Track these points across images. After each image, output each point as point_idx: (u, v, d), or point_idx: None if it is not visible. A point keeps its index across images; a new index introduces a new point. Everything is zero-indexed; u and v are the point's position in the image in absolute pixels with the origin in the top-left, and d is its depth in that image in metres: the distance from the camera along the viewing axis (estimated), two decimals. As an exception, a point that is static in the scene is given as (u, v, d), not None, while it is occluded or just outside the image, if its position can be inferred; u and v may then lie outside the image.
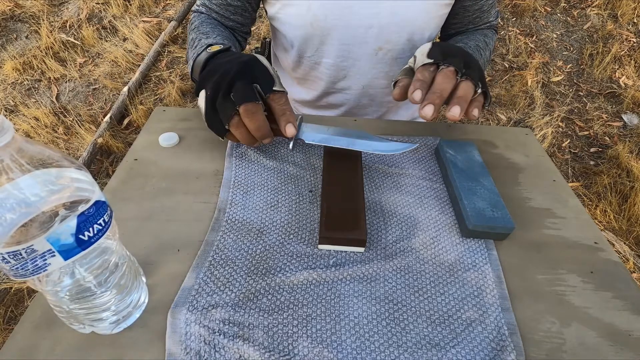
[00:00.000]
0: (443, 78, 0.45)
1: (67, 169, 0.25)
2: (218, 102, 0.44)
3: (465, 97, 0.44)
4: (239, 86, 0.44)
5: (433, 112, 0.44)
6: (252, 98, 0.43)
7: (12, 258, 0.24)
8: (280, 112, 0.45)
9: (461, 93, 0.44)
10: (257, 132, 0.44)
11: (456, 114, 0.44)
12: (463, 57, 0.48)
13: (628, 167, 1.65)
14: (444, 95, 0.44)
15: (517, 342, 0.35)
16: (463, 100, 0.44)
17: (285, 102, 0.46)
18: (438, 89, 0.44)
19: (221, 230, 0.42)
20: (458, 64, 0.46)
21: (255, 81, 0.45)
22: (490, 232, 0.42)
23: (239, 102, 0.43)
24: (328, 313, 0.36)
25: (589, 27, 2.30)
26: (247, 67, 0.46)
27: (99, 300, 0.30)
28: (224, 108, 0.44)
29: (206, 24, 0.61)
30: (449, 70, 0.45)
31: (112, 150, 1.65)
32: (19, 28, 2.16)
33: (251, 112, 0.43)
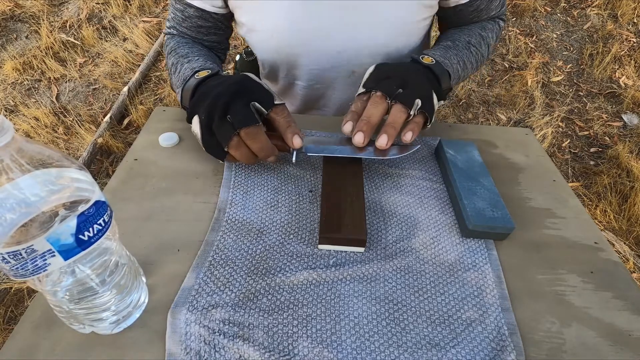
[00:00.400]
0: (371, 104, 0.45)
1: (67, 169, 0.25)
2: (215, 125, 0.43)
3: (394, 123, 0.44)
4: (236, 108, 0.43)
5: (363, 139, 0.44)
6: (252, 120, 0.42)
7: (12, 258, 0.24)
8: (285, 125, 0.45)
9: (390, 119, 0.44)
10: (260, 153, 0.43)
11: (382, 143, 0.44)
12: (401, 77, 0.46)
13: (628, 167, 1.65)
14: (372, 120, 0.44)
15: (517, 342, 0.35)
16: (390, 127, 0.44)
17: (287, 114, 0.46)
18: (366, 115, 0.44)
19: (221, 230, 0.42)
20: (388, 86, 0.45)
21: (252, 99, 0.44)
22: (490, 232, 0.42)
23: (239, 126, 0.42)
24: (328, 313, 0.36)
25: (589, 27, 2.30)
26: (241, 87, 0.45)
27: (99, 300, 0.30)
28: (222, 131, 0.43)
29: (183, 45, 0.59)
30: (377, 96, 0.45)
31: (112, 150, 1.65)
32: (19, 28, 2.16)
33: (253, 134, 0.42)
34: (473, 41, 0.59)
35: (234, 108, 0.43)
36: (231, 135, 0.42)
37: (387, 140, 0.44)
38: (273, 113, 0.45)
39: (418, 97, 0.45)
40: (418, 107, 0.45)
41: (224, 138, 0.43)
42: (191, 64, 0.54)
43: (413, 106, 0.44)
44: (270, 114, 0.45)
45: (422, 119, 0.46)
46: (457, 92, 1.99)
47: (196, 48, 0.60)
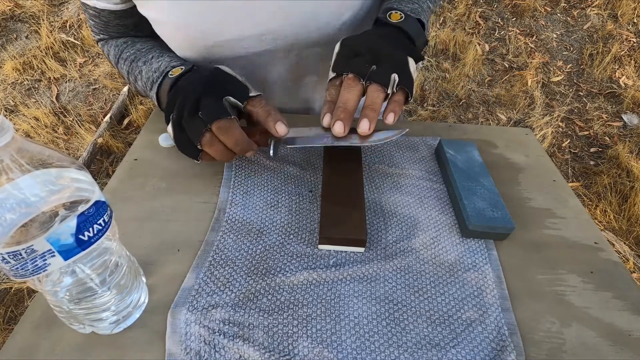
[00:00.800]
0: (345, 90, 0.41)
1: (67, 169, 0.25)
2: (184, 121, 0.41)
3: (372, 104, 0.41)
4: (206, 102, 0.40)
5: (343, 128, 0.41)
6: (223, 113, 0.40)
7: (12, 258, 0.24)
8: (265, 114, 0.42)
9: (368, 101, 0.41)
10: (236, 147, 0.41)
11: (364, 128, 0.41)
12: (372, 51, 0.42)
13: (628, 167, 1.65)
14: (349, 107, 0.41)
15: (517, 342, 0.35)
16: (370, 110, 0.40)
17: (265, 103, 0.43)
18: (341, 102, 0.41)
19: (221, 230, 0.42)
20: (359, 66, 0.41)
21: (225, 93, 0.42)
22: (490, 232, 0.42)
23: (210, 120, 0.39)
24: (328, 313, 0.36)
25: (589, 27, 2.30)
26: (211, 82, 0.43)
27: (98, 301, 0.30)
28: (192, 127, 0.40)
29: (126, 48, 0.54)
30: (349, 79, 0.42)
31: (112, 150, 1.65)
32: (19, 28, 2.16)
33: (226, 128, 0.39)
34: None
35: (204, 103, 0.40)
36: (202, 131, 0.39)
37: (369, 125, 0.40)
38: (250, 105, 0.42)
39: (393, 72, 0.41)
40: (396, 83, 0.41)
41: (195, 134, 0.40)
42: (150, 66, 0.50)
43: (390, 83, 0.41)
44: (247, 106, 0.42)
45: (402, 96, 0.42)
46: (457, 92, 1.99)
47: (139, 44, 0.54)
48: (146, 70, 0.50)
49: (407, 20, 0.45)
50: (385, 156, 0.53)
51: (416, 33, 0.46)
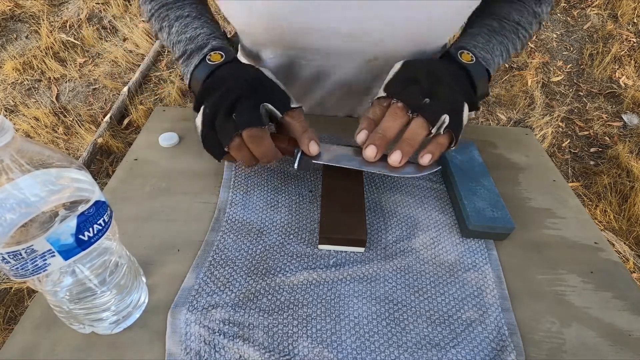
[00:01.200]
0: (389, 116, 0.40)
1: (67, 169, 0.25)
2: (217, 121, 0.40)
3: (410, 140, 0.39)
4: (242, 107, 0.39)
5: (375, 154, 0.40)
6: (258, 122, 0.39)
7: (12, 258, 0.24)
8: (302, 130, 0.41)
9: (407, 135, 0.39)
10: (263, 158, 0.40)
11: (395, 161, 0.39)
12: (431, 82, 0.41)
13: (628, 167, 1.65)
14: (388, 135, 0.40)
15: (517, 342, 0.35)
16: (407, 144, 0.39)
17: (304, 119, 0.42)
18: (382, 128, 0.40)
19: (221, 230, 0.42)
20: (413, 95, 0.40)
21: (265, 100, 0.40)
22: (491, 232, 0.42)
23: (242, 127, 0.38)
24: (328, 313, 0.36)
25: (589, 27, 2.30)
26: (253, 86, 0.41)
27: (99, 301, 0.30)
28: (224, 128, 0.39)
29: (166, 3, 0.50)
30: (397, 107, 0.40)
31: (112, 150, 1.65)
32: (19, 28, 2.16)
33: (257, 138, 0.39)
34: (524, 21, 0.49)
35: (240, 107, 0.39)
36: (233, 136, 0.39)
37: (401, 158, 0.39)
38: (288, 117, 0.41)
39: (446, 112, 0.39)
40: (445, 126, 0.39)
41: (225, 137, 0.39)
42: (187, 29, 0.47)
43: (437, 123, 0.39)
44: (285, 117, 0.41)
45: (446, 140, 0.40)
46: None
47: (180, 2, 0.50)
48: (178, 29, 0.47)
49: (476, 66, 0.44)
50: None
51: (480, 81, 0.44)
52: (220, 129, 0.40)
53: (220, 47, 0.46)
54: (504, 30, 0.48)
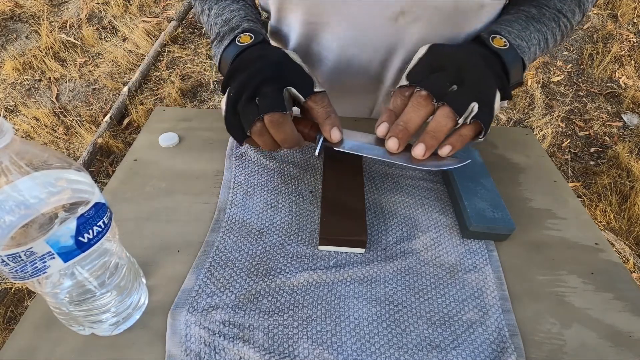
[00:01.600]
0: (412, 106, 0.38)
1: (66, 171, 0.25)
2: (240, 104, 0.39)
3: (435, 131, 0.37)
4: (266, 91, 0.38)
5: (397, 147, 0.38)
6: (279, 107, 0.38)
7: (12, 260, 0.23)
8: (324, 115, 0.40)
9: (432, 126, 0.37)
10: (284, 143, 0.39)
11: (418, 154, 0.37)
12: (458, 69, 0.38)
13: (628, 167, 1.65)
14: (410, 127, 0.38)
15: (518, 343, 0.35)
16: (431, 137, 0.37)
17: (328, 103, 0.41)
18: (403, 120, 0.38)
19: (221, 231, 0.42)
20: (439, 82, 0.37)
21: (288, 84, 0.40)
22: (491, 233, 0.42)
23: (264, 111, 0.38)
24: (328, 314, 0.36)
25: (589, 27, 2.30)
26: (278, 70, 0.40)
27: (98, 302, 0.30)
28: (246, 113, 0.39)
29: None
30: (421, 96, 0.37)
31: (112, 150, 1.65)
32: (19, 28, 2.16)
33: (278, 123, 0.38)
34: (565, 9, 0.46)
35: (264, 91, 0.38)
36: (254, 120, 0.38)
37: (424, 152, 0.37)
38: (311, 101, 0.40)
39: (475, 100, 0.36)
40: (473, 115, 0.36)
41: (247, 121, 0.39)
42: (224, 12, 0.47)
43: (465, 112, 0.36)
44: (308, 101, 0.40)
45: (473, 131, 0.37)
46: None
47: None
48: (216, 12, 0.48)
49: (510, 51, 0.40)
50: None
51: (514, 68, 0.41)
52: (243, 113, 0.39)
53: (250, 29, 0.45)
54: (543, 17, 0.45)
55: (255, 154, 0.51)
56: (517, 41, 0.42)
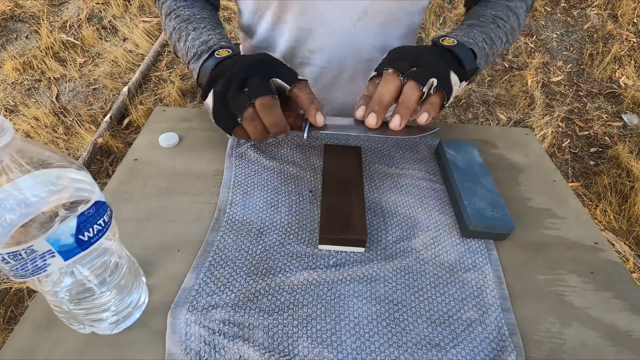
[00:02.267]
0: (382, 83, 0.43)
1: (66, 170, 0.25)
2: (229, 95, 0.42)
3: (406, 102, 0.42)
4: (253, 81, 0.42)
5: (376, 120, 0.42)
6: (268, 91, 0.41)
7: (12, 258, 0.24)
8: (309, 101, 0.43)
9: (402, 98, 0.42)
10: (273, 128, 0.42)
11: (395, 124, 0.41)
12: (415, 57, 0.44)
13: (628, 167, 1.65)
14: (384, 100, 0.42)
15: (517, 342, 0.35)
16: (403, 107, 0.41)
17: (311, 91, 0.44)
18: (377, 94, 0.42)
19: (221, 230, 0.42)
20: (401, 65, 0.43)
21: (273, 75, 0.43)
22: (491, 232, 0.42)
23: (255, 96, 0.40)
24: (328, 313, 0.36)
25: (589, 27, 2.30)
26: (261, 63, 0.44)
27: (98, 301, 0.30)
28: (237, 101, 0.41)
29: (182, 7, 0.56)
30: (388, 73, 0.43)
31: (112, 150, 1.65)
32: (19, 28, 2.16)
33: (268, 106, 0.41)
34: (500, 14, 0.54)
35: (252, 81, 0.42)
36: (246, 105, 0.41)
37: (401, 121, 0.41)
38: (296, 89, 0.44)
39: (432, 76, 0.42)
40: (434, 86, 0.42)
41: (238, 108, 0.41)
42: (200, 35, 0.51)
43: (427, 84, 0.42)
44: (293, 89, 0.44)
45: (438, 99, 0.43)
46: (457, 92, 1.98)
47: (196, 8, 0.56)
48: (194, 36, 0.51)
49: (458, 45, 0.47)
50: (385, 156, 0.53)
51: (467, 58, 0.46)
52: (233, 102, 0.42)
53: (228, 46, 0.49)
54: (481, 23, 0.52)
55: (255, 154, 0.51)
56: (464, 39, 0.49)
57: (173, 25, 0.55)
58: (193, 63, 0.50)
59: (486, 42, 0.51)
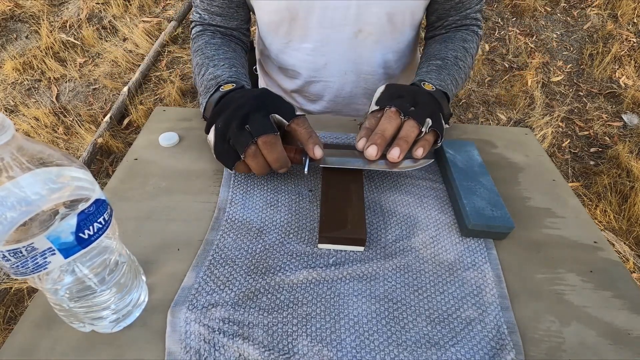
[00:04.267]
0: (385, 119, 0.46)
1: (67, 168, 0.25)
2: (231, 132, 0.43)
3: (406, 137, 0.45)
4: (255, 117, 0.43)
5: (376, 152, 0.44)
6: (271, 129, 0.42)
7: (13, 256, 0.24)
8: (307, 135, 0.45)
9: (402, 134, 0.45)
10: (275, 163, 0.43)
11: (394, 155, 0.44)
12: (413, 97, 0.48)
13: (628, 167, 1.65)
14: (386, 135, 0.45)
15: (517, 341, 0.35)
16: (403, 141, 0.45)
17: (308, 125, 0.46)
18: (380, 129, 0.45)
19: (221, 229, 0.42)
20: (403, 104, 0.46)
21: (273, 111, 0.45)
22: (490, 231, 0.42)
23: (258, 134, 0.42)
24: (328, 312, 0.36)
25: (589, 27, 2.30)
26: (261, 99, 0.46)
27: (98, 299, 0.30)
28: (239, 139, 0.43)
29: (210, 45, 0.61)
30: (391, 111, 0.46)
31: (112, 150, 1.65)
32: (19, 28, 2.17)
33: (271, 144, 0.42)
34: (459, 55, 0.61)
35: (253, 118, 0.43)
36: (249, 143, 0.42)
37: (400, 153, 0.44)
38: (294, 124, 0.45)
39: (429, 116, 0.46)
40: (429, 126, 0.46)
41: (241, 145, 0.42)
42: (216, 70, 0.55)
43: (424, 124, 0.46)
44: (291, 124, 0.45)
45: (432, 137, 0.47)
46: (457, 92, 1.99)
47: (222, 50, 0.61)
48: (211, 72, 0.55)
49: (437, 91, 0.53)
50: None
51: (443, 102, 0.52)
52: (236, 139, 0.43)
53: (233, 80, 0.53)
54: (447, 66, 0.59)
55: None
56: (438, 83, 0.55)
57: (197, 61, 0.60)
58: (201, 97, 0.54)
59: (454, 85, 0.58)
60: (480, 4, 0.65)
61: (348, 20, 0.60)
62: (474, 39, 0.65)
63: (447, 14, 0.65)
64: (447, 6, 0.65)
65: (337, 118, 0.61)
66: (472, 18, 0.66)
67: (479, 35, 0.67)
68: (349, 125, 0.59)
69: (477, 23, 0.67)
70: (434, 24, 0.68)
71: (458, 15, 0.65)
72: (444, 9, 0.65)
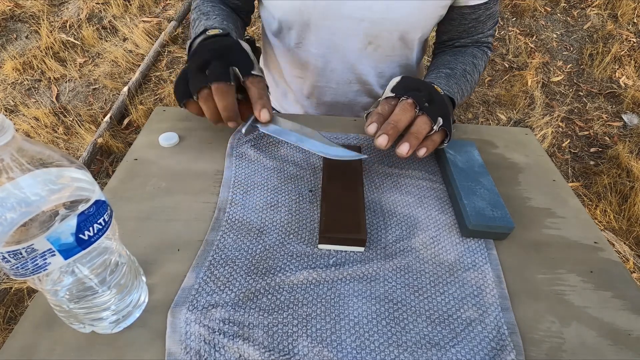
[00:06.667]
0: (400, 110, 0.45)
1: (67, 169, 0.25)
2: (190, 73, 0.45)
3: (417, 133, 0.44)
4: (215, 65, 0.45)
5: (387, 143, 0.43)
6: (226, 78, 0.44)
7: (12, 257, 0.24)
8: (257, 96, 0.46)
9: (415, 129, 0.44)
10: (224, 112, 0.45)
11: (403, 151, 0.43)
12: (429, 92, 0.47)
13: (628, 167, 1.65)
14: (399, 126, 0.44)
15: (517, 341, 0.35)
16: (414, 137, 0.44)
17: (263, 87, 0.47)
18: (393, 119, 0.44)
19: (221, 229, 0.42)
20: (419, 97, 0.45)
21: (234, 64, 0.46)
22: (490, 231, 0.42)
23: (212, 80, 0.44)
24: (328, 312, 0.36)
25: (589, 27, 2.30)
26: (226, 50, 0.47)
27: (98, 300, 0.30)
28: (196, 80, 0.45)
29: (208, 2, 0.62)
30: (407, 103, 0.45)
31: (112, 150, 1.65)
32: (19, 28, 2.16)
33: (222, 91, 0.44)
34: (468, 69, 0.61)
35: (214, 64, 0.45)
36: (202, 86, 0.44)
37: (409, 149, 0.43)
38: (249, 81, 0.46)
39: (441, 116, 0.45)
40: (440, 125, 0.45)
41: (195, 86, 0.44)
42: (207, 22, 0.57)
43: (436, 122, 0.45)
44: (246, 81, 0.46)
45: (439, 137, 0.46)
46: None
47: (218, 8, 0.62)
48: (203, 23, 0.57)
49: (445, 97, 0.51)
50: (385, 156, 0.53)
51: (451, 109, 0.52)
52: (193, 80, 0.45)
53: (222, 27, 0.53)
54: (455, 76, 0.58)
55: (256, 153, 0.51)
56: (446, 88, 0.54)
57: (193, 17, 0.62)
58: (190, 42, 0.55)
59: (459, 94, 0.57)
60: (492, 29, 0.65)
61: (359, 31, 0.61)
62: (484, 57, 0.66)
63: (459, 36, 0.66)
64: (460, 29, 0.65)
65: (337, 118, 0.61)
66: (484, 41, 0.66)
67: (488, 55, 0.67)
68: (349, 125, 0.59)
69: (488, 45, 0.67)
70: (445, 43, 0.69)
71: (470, 39, 0.66)
72: (457, 31, 0.65)
